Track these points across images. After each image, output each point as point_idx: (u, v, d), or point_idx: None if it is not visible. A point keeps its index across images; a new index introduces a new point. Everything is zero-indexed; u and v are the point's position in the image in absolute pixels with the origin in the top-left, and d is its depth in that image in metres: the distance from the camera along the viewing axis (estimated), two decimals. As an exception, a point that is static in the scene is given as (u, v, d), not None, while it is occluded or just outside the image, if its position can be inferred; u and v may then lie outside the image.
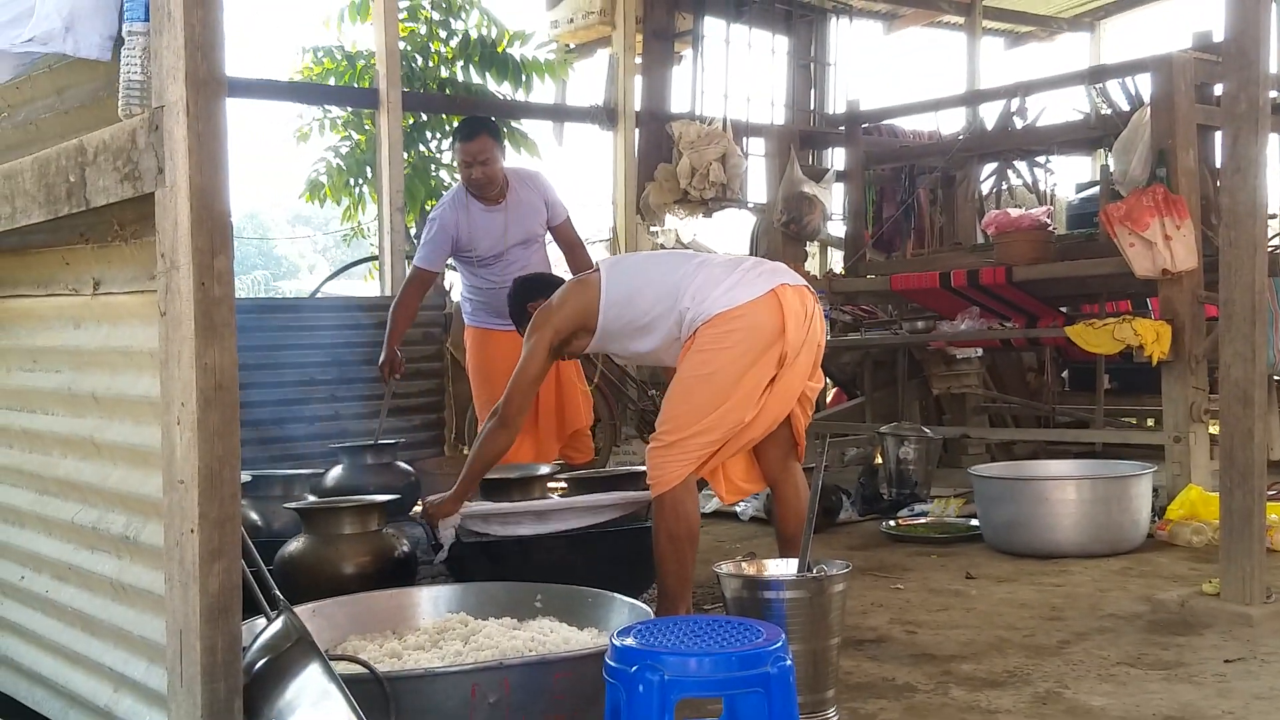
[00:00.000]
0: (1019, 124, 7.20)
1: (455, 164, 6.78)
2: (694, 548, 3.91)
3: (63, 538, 2.96)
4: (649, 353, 4.15)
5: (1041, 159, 7.69)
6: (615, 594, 3.35)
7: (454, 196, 5.62)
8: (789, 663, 2.49)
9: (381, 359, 5.72)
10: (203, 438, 2.18)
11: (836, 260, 9.97)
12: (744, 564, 3.47)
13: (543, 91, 9.62)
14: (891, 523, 5.94)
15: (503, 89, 9.39)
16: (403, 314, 5.73)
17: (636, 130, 9.52)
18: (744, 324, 3.80)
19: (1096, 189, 7.08)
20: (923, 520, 5.96)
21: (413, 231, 9.00)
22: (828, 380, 7.91)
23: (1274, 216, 9.19)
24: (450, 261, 5.82)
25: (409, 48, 9.03)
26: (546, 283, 4.49)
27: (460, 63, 9.32)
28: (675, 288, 3.95)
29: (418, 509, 4.52)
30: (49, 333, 3.03)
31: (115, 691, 2.72)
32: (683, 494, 3.84)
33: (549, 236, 5.83)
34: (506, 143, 8.98)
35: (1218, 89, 5.80)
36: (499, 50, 9.31)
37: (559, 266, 6.02)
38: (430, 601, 3.52)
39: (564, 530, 4.20)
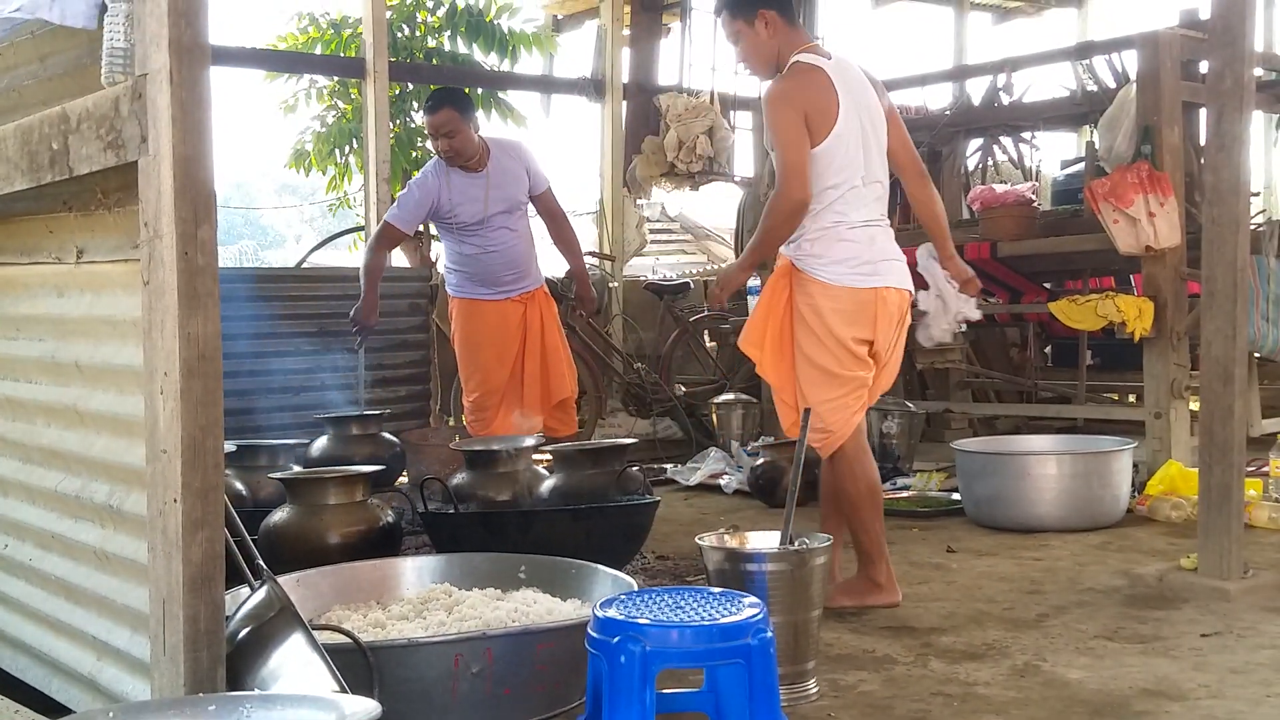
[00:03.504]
0: (1005, 99, 7.20)
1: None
2: (877, 503, 4.02)
3: (46, 506, 2.96)
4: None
5: (1027, 135, 7.69)
6: (598, 565, 3.37)
7: (436, 163, 5.63)
8: (769, 635, 2.51)
9: (363, 317, 5.67)
10: (186, 407, 2.18)
11: (822, 234, 9.96)
12: (726, 536, 3.48)
13: (530, 63, 9.60)
14: (874, 497, 5.96)
15: (490, 59, 9.36)
16: (375, 271, 5.69)
17: (624, 102, 9.49)
18: (839, 306, 3.91)
19: (1081, 165, 7.08)
20: (905, 494, 5.99)
21: (398, 202, 8.98)
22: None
23: (1256, 194, 9.25)
24: (435, 232, 5.81)
25: (395, 17, 8.99)
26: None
27: (447, 33, 9.29)
28: (832, 195, 3.91)
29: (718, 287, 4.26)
30: (32, 301, 3.02)
31: (98, 660, 2.73)
32: (854, 449, 3.96)
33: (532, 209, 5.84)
34: (494, 113, 8.99)
35: (1203, 66, 5.80)
36: (487, 20, 9.27)
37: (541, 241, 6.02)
38: (414, 572, 3.54)
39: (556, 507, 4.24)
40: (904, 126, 4.23)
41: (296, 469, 4.61)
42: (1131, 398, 7.48)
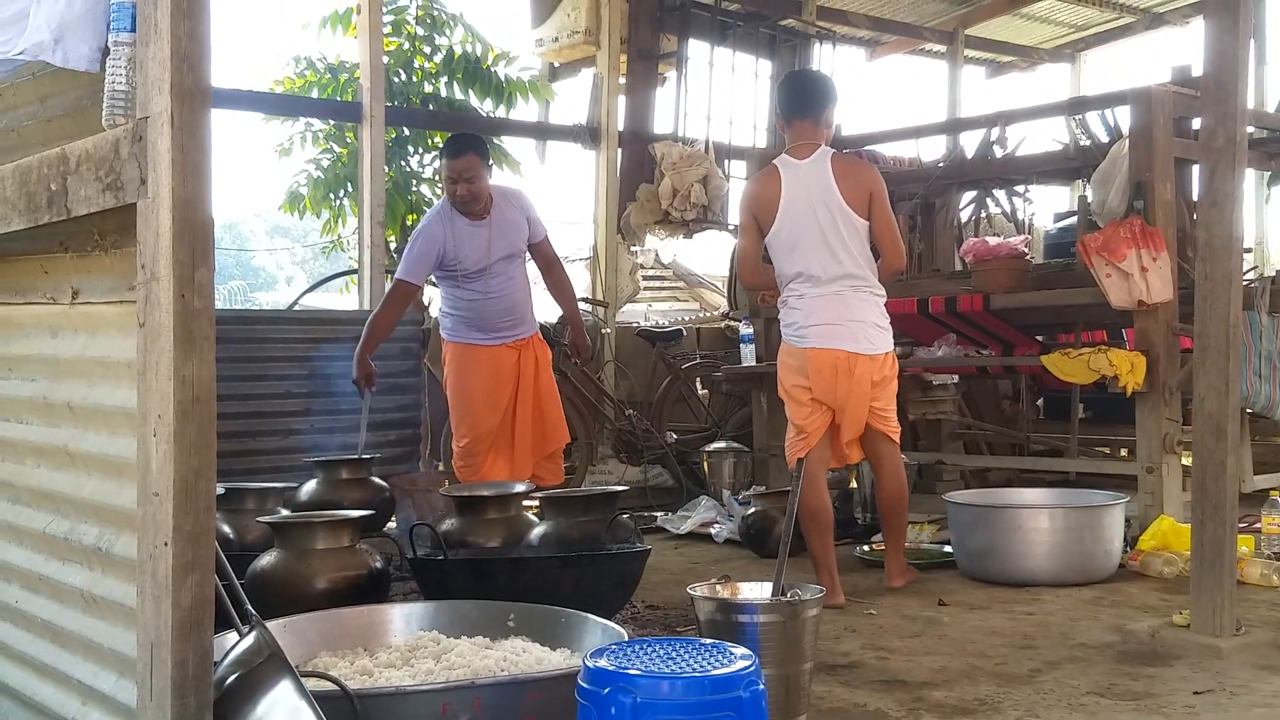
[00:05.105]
0: (999, 153, 7.24)
1: (439, 179, 6.71)
2: (819, 524, 4.92)
3: (34, 548, 2.93)
4: None
5: (1020, 188, 7.73)
6: (589, 614, 3.34)
7: (439, 211, 5.64)
8: (761, 687, 2.49)
9: (355, 374, 5.71)
10: (179, 450, 2.17)
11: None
12: (718, 587, 3.47)
13: (526, 109, 9.65)
14: (865, 547, 5.94)
15: (485, 106, 9.40)
16: (382, 327, 5.73)
17: (619, 150, 9.54)
18: (784, 360, 4.98)
19: (1074, 219, 7.11)
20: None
21: (392, 246, 9.00)
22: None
23: (1248, 250, 9.30)
24: (430, 277, 5.81)
25: (392, 62, 9.04)
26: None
27: (444, 79, 9.33)
28: (790, 271, 4.90)
29: None
30: (26, 341, 3.01)
31: (83, 704, 2.70)
32: (805, 478, 4.67)
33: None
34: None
35: (1195, 123, 5.84)
36: (483, 67, 9.32)
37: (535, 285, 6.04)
38: (402, 619, 3.51)
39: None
40: (887, 215, 4.94)
41: (284, 513, 4.59)
42: (1124, 452, 7.48)
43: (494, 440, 5.71)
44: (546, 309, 6.62)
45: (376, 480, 5.41)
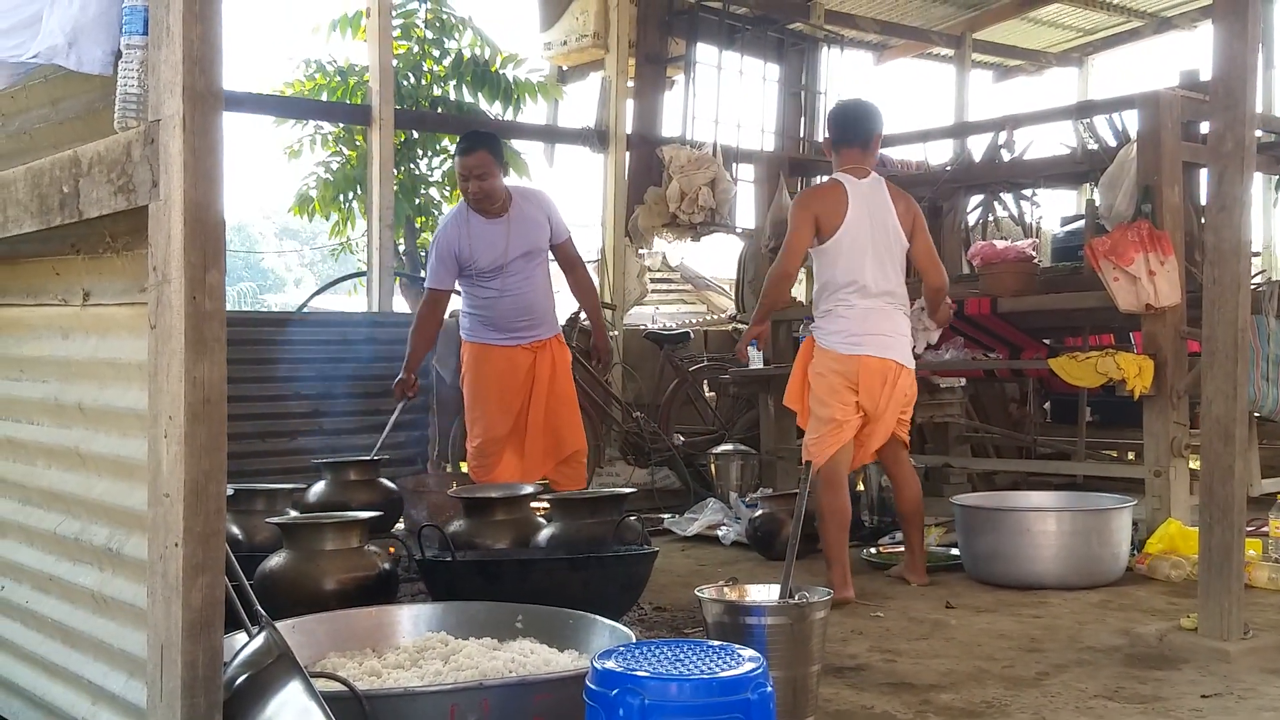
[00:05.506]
0: (1006, 156, 7.24)
1: (448, 182, 6.71)
2: (840, 522, 5.04)
3: (45, 548, 2.95)
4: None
5: (1028, 192, 7.73)
6: (597, 616, 3.34)
7: (455, 212, 5.67)
8: (769, 689, 2.49)
9: (398, 379, 5.75)
10: (190, 452, 2.18)
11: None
12: (726, 589, 3.47)
13: (534, 112, 9.66)
14: (873, 550, 5.94)
15: (494, 109, 9.42)
16: (422, 336, 5.78)
17: (627, 153, 9.55)
18: (832, 366, 5.06)
19: (1082, 223, 7.11)
20: (903, 548, 5.96)
21: (401, 248, 9.02)
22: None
23: (1257, 254, 9.28)
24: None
25: (401, 65, 9.06)
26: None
27: (452, 82, 9.35)
28: (840, 280, 5.06)
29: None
30: (37, 342, 3.02)
31: (93, 704, 2.71)
32: (829, 479, 5.03)
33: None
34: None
35: (1204, 127, 5.84)
36: (492, 71, 9.34)
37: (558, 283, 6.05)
38: (410, 620, 3.51)
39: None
40: (928, 239, 5.31)
41: (293, 514, 4.59)
42: (1131, 455, 7.47)
43: (506, 443, 5.72)
44: (561, 310, 6.62)
45: (385, 481, 5.42)
